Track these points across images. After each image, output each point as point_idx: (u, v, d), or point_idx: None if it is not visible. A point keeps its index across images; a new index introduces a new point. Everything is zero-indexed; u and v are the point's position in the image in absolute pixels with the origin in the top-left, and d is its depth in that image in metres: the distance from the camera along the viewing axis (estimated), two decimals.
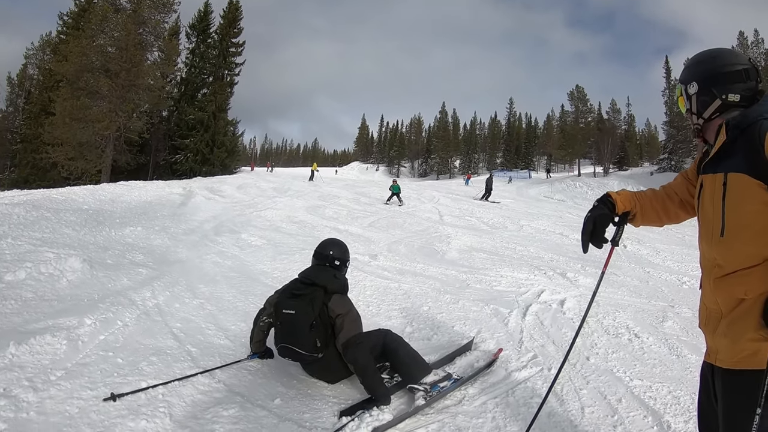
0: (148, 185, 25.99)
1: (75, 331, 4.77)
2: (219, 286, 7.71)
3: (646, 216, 2.86)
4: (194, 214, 16.54)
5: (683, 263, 11.22)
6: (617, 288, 8.40)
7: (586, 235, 2.77)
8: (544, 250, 12.67)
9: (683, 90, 2.51)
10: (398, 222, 17.90)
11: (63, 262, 7.09)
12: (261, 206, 20.31)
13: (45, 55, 58.95)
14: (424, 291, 8.18)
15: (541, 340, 5.82)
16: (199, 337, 5.41)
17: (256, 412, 3.92)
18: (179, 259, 9.37)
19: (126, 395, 3.78)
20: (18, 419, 3.30)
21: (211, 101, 54.55)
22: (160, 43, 49.41)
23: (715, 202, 2.26)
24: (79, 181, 38.47)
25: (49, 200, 15.29)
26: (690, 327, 6.30)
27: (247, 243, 12.01)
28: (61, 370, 4.03)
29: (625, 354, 5.42)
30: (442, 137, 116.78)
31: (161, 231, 12.06)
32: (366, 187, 37.07)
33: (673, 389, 4.48)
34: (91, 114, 42.30)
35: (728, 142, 2.22)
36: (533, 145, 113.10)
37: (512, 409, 4.17)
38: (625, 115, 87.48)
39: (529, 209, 26.75)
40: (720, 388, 2.29)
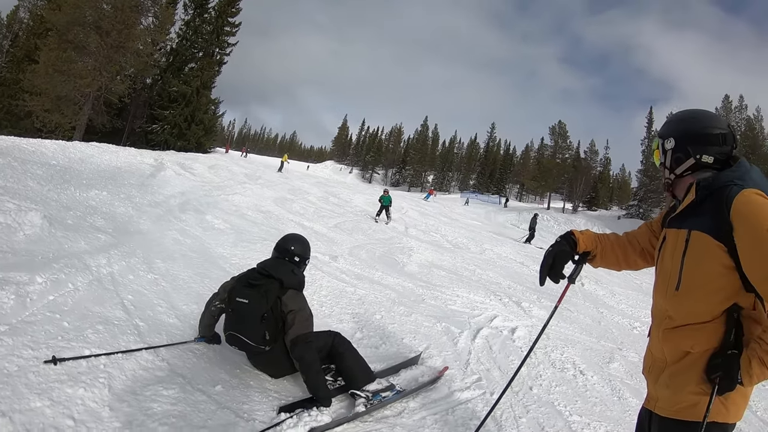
0: (120, 150, 25.67)
1: (24, 288, 4.71)
2: (176, 264, 7.64)
3: (605, 258, 2.94)
4: (162, 187, 16.43)
5: (636, 308, 11.40)
6: (569, 323, 8.50)
7: (545, 269, 2.85)
8: (503, 277, 12.79)
9: (660, 144, 2.59)
10: (363, 227, 17.94)
11: (23, 215, 6.98)
12: (230, 190, 20.18)
13: (39, 0, 57.95)
14: (378, 299, 8.21)
15: (487, 364, 5.88)
16: (149, 313, 5.36)
17: (196, 396, 3.91)
18: (140, 230, 9.30)
19: (67, 360, 3.74)
20: None
21: (197, 76, 53.88)
22: (156, 9, 48.64)
23: (675, 257, 2.34)
24: (51, 134, 37.75)
25: (18, 149, 15.08)
26: (635, 371, 6.43)
27: (211, 225, 11.94)
28: (4, 325, 3.98)
29: (568, 389, 5.51)
30: (420, 150, 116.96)
31: (126, 199, 11.96)
32: (337, 187, 37.05)
33: (610, 429, 4.59)
34: (75, 68, 41.51)
35: (696, 201, 2.30)
36: (508, 172, 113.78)
37: (450, 428, 4.22)
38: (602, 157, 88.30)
39: (495, 235, 26.97)
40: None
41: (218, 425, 3.61)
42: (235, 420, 3.74)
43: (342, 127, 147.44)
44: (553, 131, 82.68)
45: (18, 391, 3.24)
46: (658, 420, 2.38)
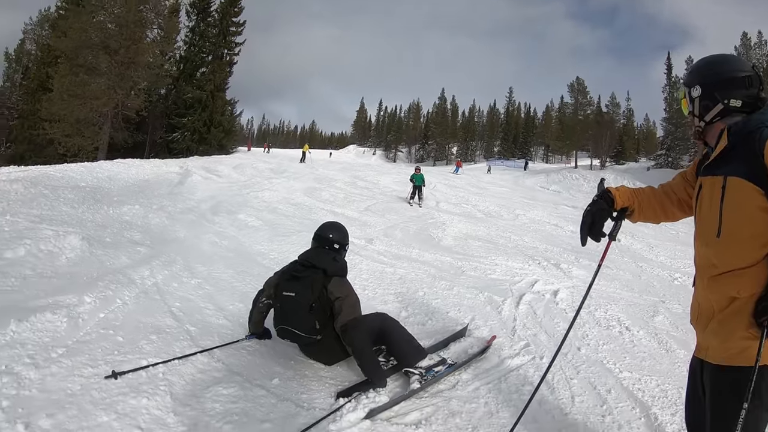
0: (145, 163, 25.90)
1: (75, 309, 4.80)
2: (216, 266, 7.75)
3: (644, 212, 2.90)
4: (191, 193, 16.58)
5: (675, 259, 11.28)
6: (610, 281, 8.45)
7: (585, 229, 2.83)
8: (539, 241, 12.75)
9: (686, 93, 2.52)
10: (394, 207, 17.94)
11: (62, 239, 7.13)
12: (258, 187, 20.27)
13: (43, 30, 58.48)
14: (419, 276, 8.25)
15: (533, 329, 5.89)
16: (198, 317, 5.45)
17: (255, 391, 3.96)
18: (177, 238, 9.42)
19: (127, 373, 3.82)
20: (20, 396, 3.32)
21: (209, 80, 54.15)
22: (160, 21, 48.85)
23: (713, 205, 2.30)
24: (75, 158, 38.09)
25: (46, 177, 15.27)
26: (680, 322, 6.37)
27: (245, 223, 12.06)
28: (62, 347, 4.06)
29: (615, 346, 5.49)
30: (441, 123, 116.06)
31: (159, 210, 12.09)
32: (362, 170, 36.95)
33: (661, 382, 4.55)
34: (89, 91, 41.92)
35: (729, 147, 2.26)
36: (531, 135, 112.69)
37: (504, 396, 4.23)
38: (624, 110, 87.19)
39: (525, 199, 26.77)
40: (709, 383, 2.35)
41: (280, 417, 3.66)
42: (295, 410, 3.79)
43: (360, 110, 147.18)
44: (572, 88, 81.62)
45: (84, 408, 3.32)
46: (710, 368, 2.35)
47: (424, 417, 3.83)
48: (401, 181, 27.71)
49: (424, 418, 3.82)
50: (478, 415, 3.92)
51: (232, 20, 57.84)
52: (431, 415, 3.86)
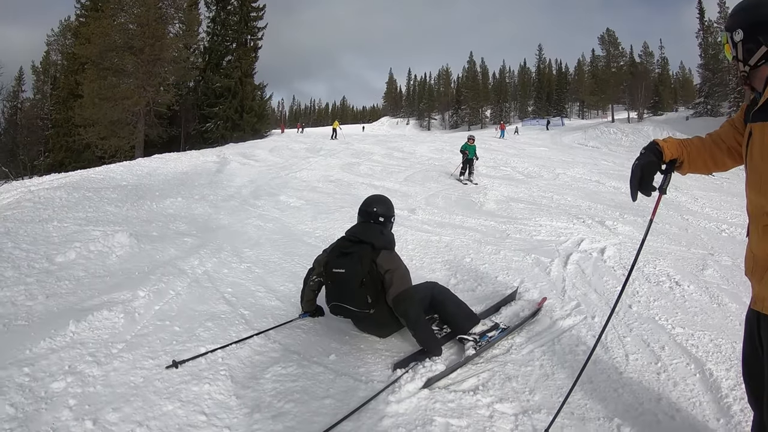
0: (182, 156, 26.23)
1: (130, 304, 4.89)
2: (264, 249, 7.85)
3: (693, 164, 2.80)
4: (231, 180, 16.72)
5: (721, 211, 11.09)
6: (657, 236, 8.32)
7: (635, 184, 2.73)
8: (581, 199, 12.63)
9: (729, 38, 2.44)
10: (433, 176, 17.91)
11: (110, 238, 7.25)
12: (295, 167, 20.41)
13: (66, 39, 59.31)
14: (465, 243, 8.23)
15: (583, 289, 5.87)
16: (251, 300, 5.52)
17: (313, 368, 4.00)
18: (222, 225, 9.54)
19: (187, 361, 3.89)
20: (86, 393, 3.39)
21: (236, 67, 54.32)
22: (180, 15, 49.13)
23: (764, 151, 2.21)
24: (113, 158, 38.66)
25: (88, 180, 15.49)
26: (730, 275, 6.28)
27: (287, 204, 12.17)
28: (121, 342, 4.14)
29: (666, 302, 5.43)
30: (472, 87, 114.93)
31: (201, 199, 12.25)
32: (398, 141, 36.90)
33: (714, 337, 4.48)
34: (119, 92, 42.49)
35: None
36: (565, 91, 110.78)
37: (559, 357, 4.24)
38: (658, 59, 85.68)
39: (564, 157, 26.45)
40: (766, 333, 2.28)
41: (340, 392, 3.69)
42: (354, 384, 3.82)
43: (389, 82, 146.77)
44: (603, 41, 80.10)
45: (149, 399, 3.38)
46: (766, 320, 2.29)
47: (481, 383, 3.83)
48: (438, 149, 27.71)
49: (481, 383, 3.82)
50: (534, 377, 3.92)
51: (252, 6, 57.79)
52: (488, 381, 3.86)
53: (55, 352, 3.88)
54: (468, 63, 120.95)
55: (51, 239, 7.40)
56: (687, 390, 3.66)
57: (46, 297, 5.15)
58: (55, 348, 3.94)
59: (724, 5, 62.87)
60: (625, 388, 3.71)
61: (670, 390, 3.67)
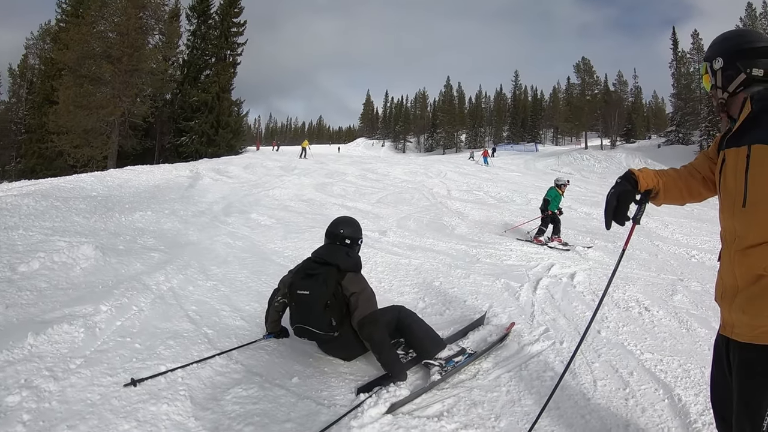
0: (155, 169, 26.06)
1: (92, 319, 4.81)
2: (231, 267, 7.76)
3: (668, 194, 2.84)
4: (203, 196, 16.63)
5: (692, 236, 11.25)
6: (627, 261, 8.41)
7: (610, 212, 2.76)
8: None
9: (708, 67, 2.52)
10: (406, 198, 17.93)
11: (75, 250, 7.15)
12: (268, 185, 20.34)
13: (45, 44, 58.96)
14: (434, 266, 8.23)
15: (552, 314, 5.88)
16: (215, 319, 5.45)
17: (275, 391, 3.95)
18: (190, 241, 9.43)
19: (146, 380, 3.82)
20: (41, 409, 3.33)
21: (214, 82, 54.37)
22: (160, 26, 49.22)
23: (738, 175, 2.26)
24: (85, 168, 38.37)
25: (57, 189, 15.32)
26: (699, 301, 6.35)
27: (257, 223, 12.08)
28: (80, 358, 4.07)
29: (635, 327, 5.47)
30: (448, 111, 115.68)
31: (171, 214, 12.13)
32: (372, 163, 37.01)
33: (683, 362, 4.52)
34: (95, 101, 42.24)
35: (753, 114, 2.23)
36: (539, 117, 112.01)
37: (526, 383, 4.22)
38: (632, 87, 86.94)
39: (537, 182, 26.69)
40: (736, 361, 2.30)
41: (301, 416, 3.65)
42: (317, 408, 3.78)
43: (366, 102, 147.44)
44: (578, 68, 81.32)
45: (105, 418, 3.32)
46: (737, 346, 2.31)
47: (446, 408, 3.81)
48: (412, 171, 27.81)
49: (446, 409, 3.80)
50: (500, 403, 3.90)
51: (233, 21, 58.06)
52: (453, 406, 3.84)
53: (12, 364, 3.81)
54: (445, 87, 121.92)
55: (15, 247, 7.28)
56: (655, 416, 3.68)
57: (6, 307, 5.05)
58: (11, 360, 3.87)
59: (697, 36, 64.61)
60: (592, 414, 3.71)
61: (638, 416, 3.69)
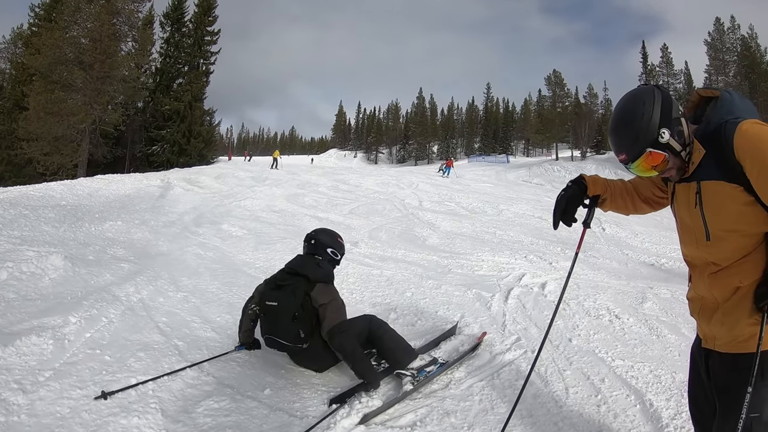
0: (125, 178, 25.81)
1: (60, 330, 4.75)
2: (202, 278, 7.71)
3: (615, 203, 2.98)
4: (173, 206, 16.46)
5: (660, 245, 11.33)
6: (597, 270, 8.49)
7: (558, 213, 2.94)
8: (524, 234, 12.74)
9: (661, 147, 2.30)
10: (378, 209, 17.89)
11: (44, 260, 7.04)
12: (240, 196, 20.19)
13: (17, 48, 57.99)
14: (406, 277, 8.22)
15: (523, 323, 5.90)
16: (186, 331, 5.42)
17: (247, 403, 3.96)
18: (161, 252, 9.34)
19: (117, 393, 3.80)
20: (9, 423, 3.30)
21: (186, 91, 54.13)
22: (134, 33, 48.86)
23: (692, 210, 2.33)
24: (55, 176, 37.92)
25: (26, 197, 15.10)
26: (669, 308, 6.39)
27: (228, 234, 11.97)
28: (49, 370, 4.03)
29: (606, 335, 5.51)
30: (420, 123, 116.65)
31: (141, 224, 11.99)
32: (344, 174, 36.93)
33: (654, 368, 4.57)
34: (65, 107, 41.78)
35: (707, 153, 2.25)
36: (511, 129, 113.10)
37: (498, 392, 4.26)
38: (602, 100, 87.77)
39: (508, 193, 26.83)
40: (717, 369, 2.39)
41: (274, 428, 3.66)
42: (289, 420, 3.79)
43: (339, 114, 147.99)
44: (549, 81, 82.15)
45: (74, 431, 3.29)
46: (719, 357, 2.38)
47: (419, 418, 3.85)
48: (384, 182, 27.79)
49: (419, 419, 3.84)
50: (473, 412, 3.94)
51: (207, 30, 57.92)
52: (426, 416, 3.88)
53: None
54: (417, 99, 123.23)
55: None
56: (627, 421, 3.74)
57: None
58: None
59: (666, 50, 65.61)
60: (565, 422, 3.76)
61: (610, 422, 3.74)
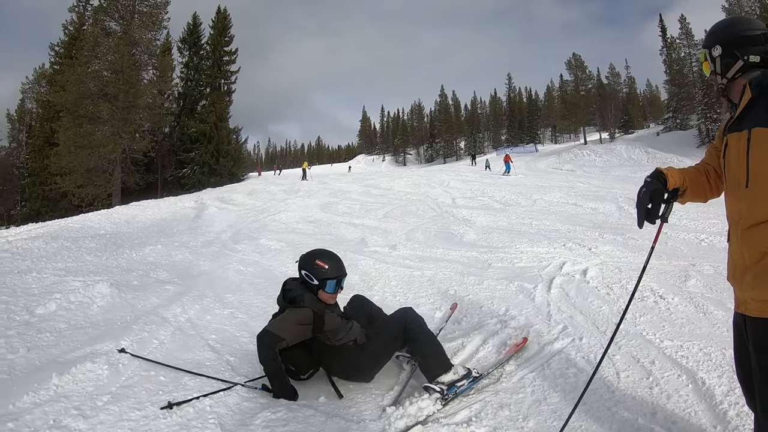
0: (160, 203, 26.15)
1: (114, 355, 4.83)
2: (246, 294, 7.81)
3: (694, 190, 2.92)
4: (210, 225, 16.63)
5: (699, 221, 11.14)
6: (637, 252, 8.37)
7: (643, 211, 2.84)
8: (560, 222, 12.61)
9: (707, 54, 2.60)
10: (412, 210, 17.88)
11: (91, 288, 7.14)
12: (274, 210, 20.33)
13: (41, 87, 59.27)
14: (447, 275, 8.20)
15: (569, 311, 5.84)
16: (236, 346, 5.50)
17: (303, 412, 3.98)
18: (203, 271, 9.44)
19: (182, 404, 3.91)
20: None
21: (211, 112, 54.68)
22: (153, 61, 49.56)
23: (740, 157, 2.34)
24: (91, 207, 38.48)
25: (66, 230, 15.38)
26: (713, 284, 6.28)
27: (267, 248, 12.07)
28: (106, 395, 4.08)
29: (652, 316, 5.43)
30: (445, 120, 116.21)
31: (181, 246, 12.13)
32: (375, 178, 36.98)
33: (703, 346, 4.49)
34: (94, 139, 42.58)
35: (752, 100, 2.32)
36: (536, 117, 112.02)
37: (550, 382, 4.23)
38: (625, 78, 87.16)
39: (540, 182, 26.65)
40: (751, 335, 2.37)
41: None
42: (346, 425, 3.80)
43: (363, 119, 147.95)
44: (570, 65, 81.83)
45: None
46: (751, 322, 2.36)
47: (474, 414, 3.83)
48: (415, 183, 27.79)
49: (474, 414, 3.82)
50: (527, 404, 3.92)
51: (224, 50, 58.56)
52: (480, 411, 3.86)
53: (39, 406, 3.82)
54: (440, 96, 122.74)
55: (30, 291, 7.27)
56: (681, 401, 3.68)
57: (28, 350, 5.05)
58: (38, 402, 3.88)
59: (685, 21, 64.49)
60: (618, 406, 3.71)
61: (664, 403, 3.69)
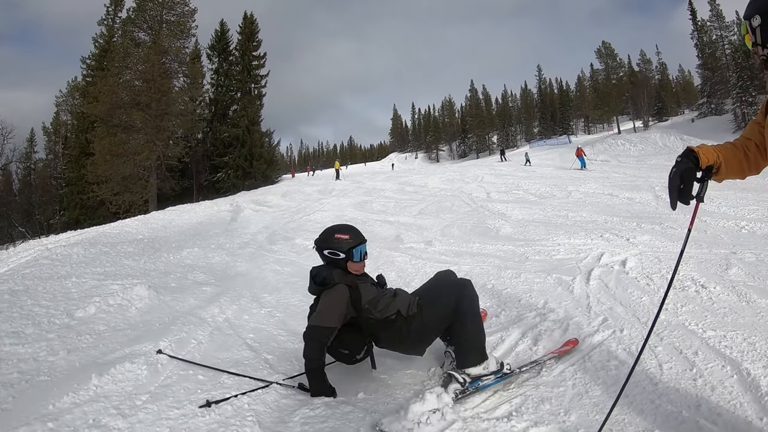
0: (196, 207, 26.46)
1: (153, 356, 4.85)
2: (283, 293, 7.83)
3: (730, 168, 2.78)
4: (246, 227, 16.78)
5: (738, 208, 10.90)
6: (676, 241, 8.18)
7: (675, 192, 2.72)
8: (597, 213, 12.46)
9: (748, 25, 2.42)
10: (447, 206, 17.83)
11: (129, 291, 7.23)
12: (309, 210, 20.46)
13: (75, 99, 60.57)
14: (484, 270, 8.13)
15: (608, 303, 5.73)
16: (273, 345, 5.50)
17: (342, 408, 3.94)
18: (240, 272, 9.51)
19: (220, 402, 3.91)
20: None
21: (242, 116, 55.18)
22: (184, 69, 50.32)
23: None
24: (128, 213, 39.22)
25: (104, 236, 15.61)
26: (755, 272, 6.09)
27: (303, 247, 12.09)
28: (145, 394, 4.10)
29: (694, 306, 5.27)
30: (476, 115, 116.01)
31: (217, 248, 12.25)
32: (408, 176, 37.01)
33: (747, 336, 4.35)
34: (129, 148, 43.42)
35: None
36: (568, 108, 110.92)
37: (591, 374, 4.15)
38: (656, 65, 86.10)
39: (574, 174, 26.41)
40: None
41: (371, 429, 3.62)
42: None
43: (394, 118, 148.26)
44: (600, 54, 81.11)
45: None
46: None
47: (514, 408, 3.76)
48: (448, 179, 27.73)
49: (515, 409, 3.75)
50: (568, 397, 3.84)
51: (253, 54, 59.10)
52: (521, 405, 3.79)
53: (79, 406, 3.84)
54: (470, 91, 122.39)
55: (70, 295, 7.39)
56: (726, 393, 3.56)
57: (68, 352, 5.14)
58: (78, 402, 3.91)
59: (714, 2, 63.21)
60: (662, 399, 3.61)
61: (708, 395, 3.58)
